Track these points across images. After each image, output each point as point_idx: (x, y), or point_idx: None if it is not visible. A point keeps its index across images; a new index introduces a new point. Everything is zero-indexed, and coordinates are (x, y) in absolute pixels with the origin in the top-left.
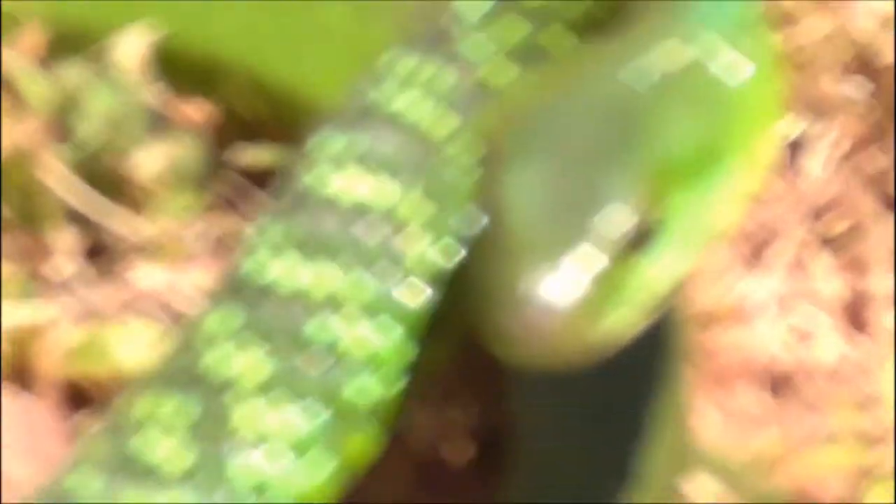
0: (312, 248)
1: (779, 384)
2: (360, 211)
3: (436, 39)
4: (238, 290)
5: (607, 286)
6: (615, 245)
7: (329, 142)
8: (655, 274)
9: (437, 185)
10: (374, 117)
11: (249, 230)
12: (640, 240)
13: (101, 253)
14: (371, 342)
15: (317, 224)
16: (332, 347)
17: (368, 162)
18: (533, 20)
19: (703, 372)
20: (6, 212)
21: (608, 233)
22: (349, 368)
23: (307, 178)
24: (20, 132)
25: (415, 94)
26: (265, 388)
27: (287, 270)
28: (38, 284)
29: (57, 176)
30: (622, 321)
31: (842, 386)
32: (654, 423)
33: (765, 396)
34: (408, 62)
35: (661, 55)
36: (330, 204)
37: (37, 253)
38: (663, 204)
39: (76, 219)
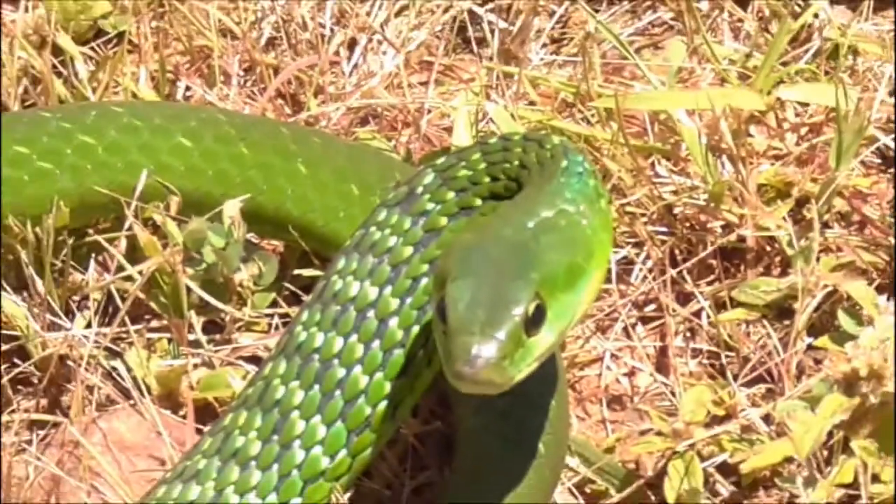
0: (339, 325)
1: (613, 402)
2: (359, 304)
3: (403, 199)
4: (292, 352)
5: (512, 350)
6: (516, 328)
7: (338, 263)
8: (540, 342)
9: (401, 287)
10: (360, 249)
11: (298, 315)
12: (531, 324)
13: (217, 328)
14: (374, 380)
15: (337, 310)
16: (349, 383)
17: (360, 276)
18: (456, 191)
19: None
20: (162, 301)
21: (511, 321)
22: (365, 397)
23: (329, 284)
24: (167, 255)
25: (385, 234)
26: (302, 406)
27: (323, 339)
28: (177, 346)
29: (188, 283)
30: (521, 369)
31: (653, 403)
32: (554, 420)
33: (604, 411)
34: (381, 214)
35: (545, 213)
36: (341, 298)
37: (177, 328)
38: (547, 302)
39: (202, 308)
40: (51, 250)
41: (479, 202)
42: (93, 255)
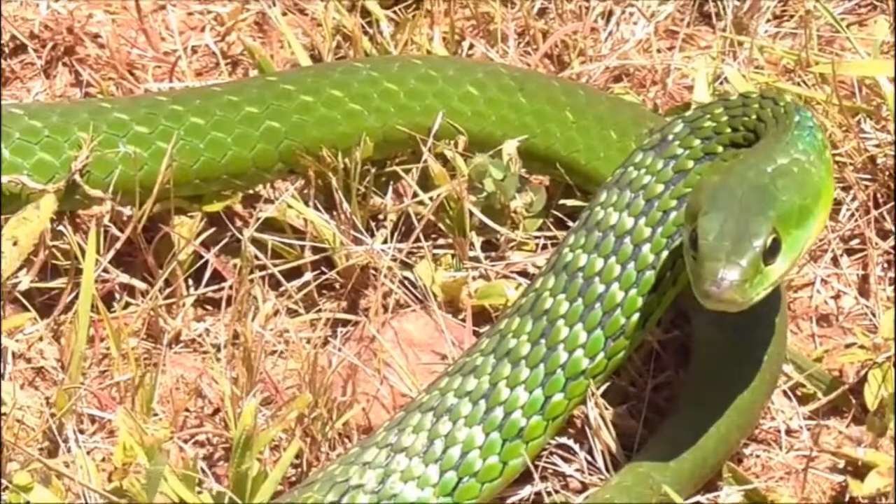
0: (600, 249)
1: (822, 319)
2: (618, 231)
3: (657, 144)
4: (560, 269)
5: (752, 275)
6: (756, 257)
7: (600, 196)
8: (775, 270)
9: (653, 218)
10: (620, 185)
11: (566, 238)
12: (768, 254)
13: (493, 247)
14: (629, 296)
15: (599, 236)
16: (608, 297)
17: (618, 207)
18: (701, 139)
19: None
20: (448, 223)
21: (752, 251)
22: (621, 309)
23: (593, 213)
24: (455, 184)
25: (641, 173)
26: (567, 315)
27: (587, 260)
28: (459, 261)
29: (471, 208)
30: (759, 291)
31: (855, 322)
32: (774, 334)
33: (813, 327)
34: (638, 156)
35: (781, 160)
36: (603, 225)
37: (460, 245)
38: (781, 237)
39: (481, 229)
40: (357, 177)
41: (720, 149)
42: (391, 182)
